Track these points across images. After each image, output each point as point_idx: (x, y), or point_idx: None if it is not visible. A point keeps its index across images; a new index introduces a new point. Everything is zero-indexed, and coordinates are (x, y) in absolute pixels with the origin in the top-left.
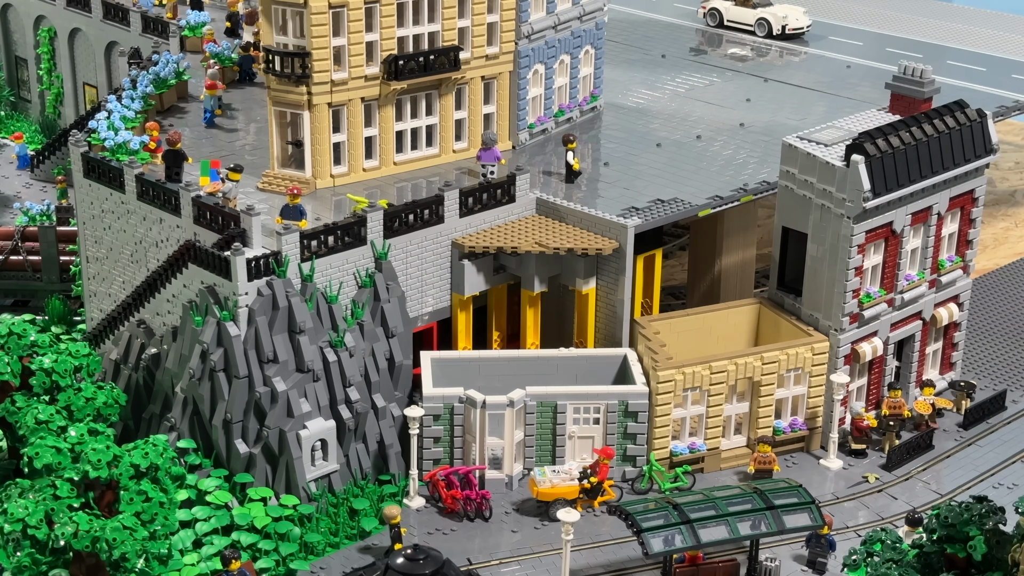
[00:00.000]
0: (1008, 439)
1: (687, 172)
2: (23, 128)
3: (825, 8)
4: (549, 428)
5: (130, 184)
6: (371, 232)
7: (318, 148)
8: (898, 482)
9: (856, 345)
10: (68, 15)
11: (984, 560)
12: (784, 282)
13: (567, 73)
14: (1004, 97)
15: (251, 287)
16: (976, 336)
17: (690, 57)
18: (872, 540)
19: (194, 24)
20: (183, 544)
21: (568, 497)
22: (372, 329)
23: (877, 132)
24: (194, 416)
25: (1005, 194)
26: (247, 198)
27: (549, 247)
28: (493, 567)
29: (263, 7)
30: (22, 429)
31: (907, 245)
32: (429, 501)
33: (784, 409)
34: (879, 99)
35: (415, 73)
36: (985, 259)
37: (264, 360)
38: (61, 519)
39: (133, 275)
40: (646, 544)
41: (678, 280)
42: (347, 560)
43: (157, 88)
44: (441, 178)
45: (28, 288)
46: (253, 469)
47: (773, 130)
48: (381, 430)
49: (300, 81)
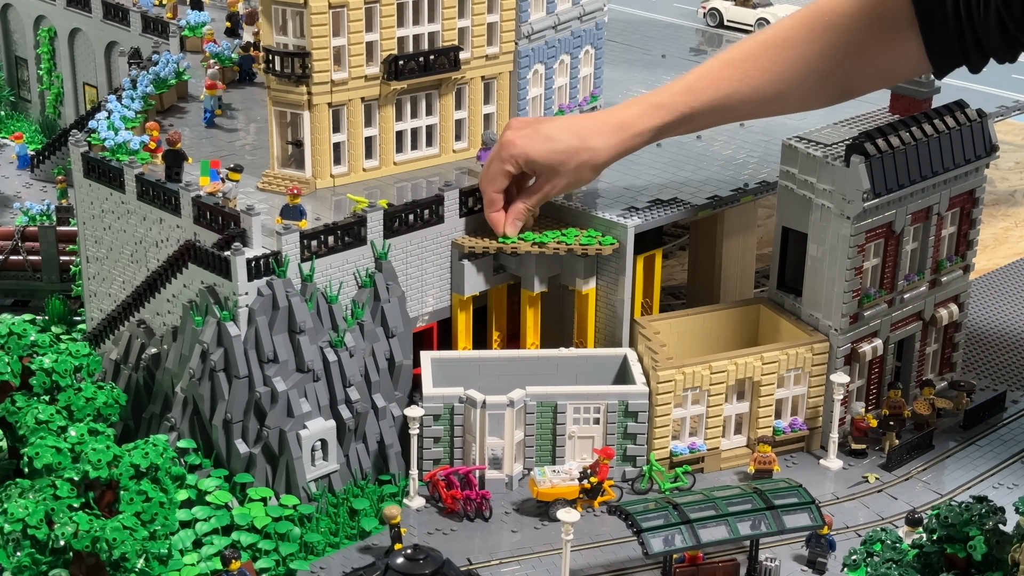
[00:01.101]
0: (1008, 439)
1: (687, 172)
2: (23, 128)
3: None
4: (549, 428)
5: (130, 184)
6: (371, 232)
7: (318, 148)
8: (898, 482)
9: (856, 345)
10: (68, 15)
11: (984, 560)
12: (784, 282)
13: (567, 73)
14: (1004, 97)
15: (251, 287)
16: (976, 336)
17: (690, 57)
18: (872, 540)
19: (194, 24)
20: (183, 544)
21: (568, 497)
22: (372, 329)
23: (877, 132)
24: (194, 416)
25: (1005, 194)
26: (247, 198)
27: (549, 247)
28: (493, 567)
29: (263, 7)
30: (22, 429)
31: (907, 245)
32: (429, 501)
33: (784, 409)
34: (879, 99)
35: (415, 73)
36: (985, 259)
37: (264, 360)
38: (61, 519)
39: (133, 275)
40: (646, 544)
41: (678, 280)
42: (347, 560)
43: (157, 88)
44: (441, 178)
45: (28, 288)
46: (253, 469)
47: (773, 130)
48: (381, 430)
49: (300, 81)
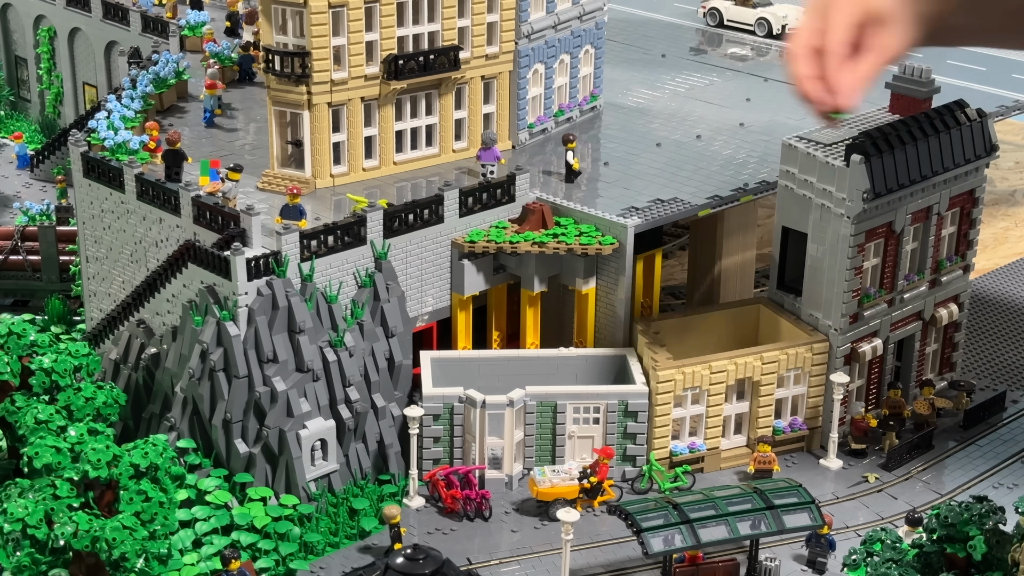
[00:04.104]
0: (1008, 439)
1: (687, 172)
2: (23, 128)
3: None
4: (549, 428)
5: (130, 184)
6: (371, 232)
7: (318, 148)
8: (898, 482)
9: (856, 345)
10: (68, 15)
11: (984, 560)
12: (784, 282)
13: (567, 73)
14: (1004, 97)
15: (251, 287)
16: (976, 336)
17: (690, 57)
18: (872, 540)
19: (194, 24)
20: (183, 544)
21: (568, 497)
22: (372, 329)
23: (877, 132)
24: (194, 416)
25: (1005, 194)
26: (247, 198)
27: (548, 247)
28: (493, 567)
29: (263, 7)
30: (22, 429)
31: (907, 245)
32: (429, 501)
33: (784, 409)
34: (879, 99)
35: (415, 73)
36: (985, 259)
37: (264, 360)
38: (61, 519)
39: (133, 275)
40: (646, 544)
41: (678, 280)
42: (347, 560)
43: (157, 88)
44: (441, 178)
45: (28, 288)
46: (253, 469)
47: (773, 130)
48: (381, 430)
49: (300, 81)
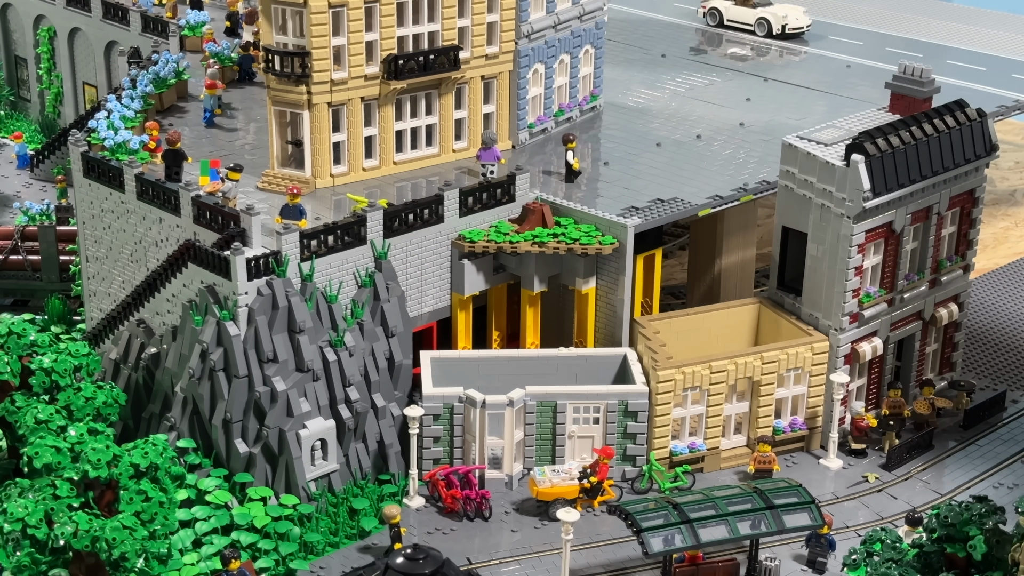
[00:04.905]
0: (1008, 439)
1: (687, 172)
2: (23, 128)
3: (825, 8)
4: (549, 428)
5: (130, 184)
6: (371, 232)
7: (318, 148)
8: (898, 482)
9: (856, 345)
10: (68, 15)
11: (984, 560)
12: (784, 282)
13: (567, 73)
14: (1004, 97)
15: (251, 287)
16: (976, 336)
17: (690, 57)
18: (872, 540)
19: (194, 24)
20: (183, 544)
21: (568, 497)
22: (372, 329)
23: (877, 132)
24: (194, 416)
25: (1005, 194)
26: (247, 198)
27: (548, 247)
28: (493, 567)
29: (263, 7)
30: (22, 429)
31: (907, 245)
32: (429, 501)
33: (784, 409)
34: (879, 99)
35: (415, 73)
36: (985, 259)
37: (264, 360)
38: (61, 519)
39: (133, 275)
40: (646, 544)
41: (678, 280)
42: (347, 560)
43: (157, 88)
44: (441, 178)
45: (28, 288)
46: (253, 469)
47: (773, 130)
48: (381, 430)
49: (300, 81)
